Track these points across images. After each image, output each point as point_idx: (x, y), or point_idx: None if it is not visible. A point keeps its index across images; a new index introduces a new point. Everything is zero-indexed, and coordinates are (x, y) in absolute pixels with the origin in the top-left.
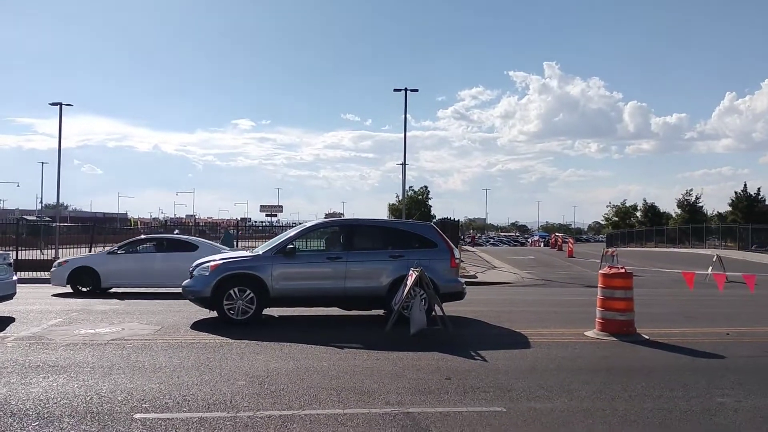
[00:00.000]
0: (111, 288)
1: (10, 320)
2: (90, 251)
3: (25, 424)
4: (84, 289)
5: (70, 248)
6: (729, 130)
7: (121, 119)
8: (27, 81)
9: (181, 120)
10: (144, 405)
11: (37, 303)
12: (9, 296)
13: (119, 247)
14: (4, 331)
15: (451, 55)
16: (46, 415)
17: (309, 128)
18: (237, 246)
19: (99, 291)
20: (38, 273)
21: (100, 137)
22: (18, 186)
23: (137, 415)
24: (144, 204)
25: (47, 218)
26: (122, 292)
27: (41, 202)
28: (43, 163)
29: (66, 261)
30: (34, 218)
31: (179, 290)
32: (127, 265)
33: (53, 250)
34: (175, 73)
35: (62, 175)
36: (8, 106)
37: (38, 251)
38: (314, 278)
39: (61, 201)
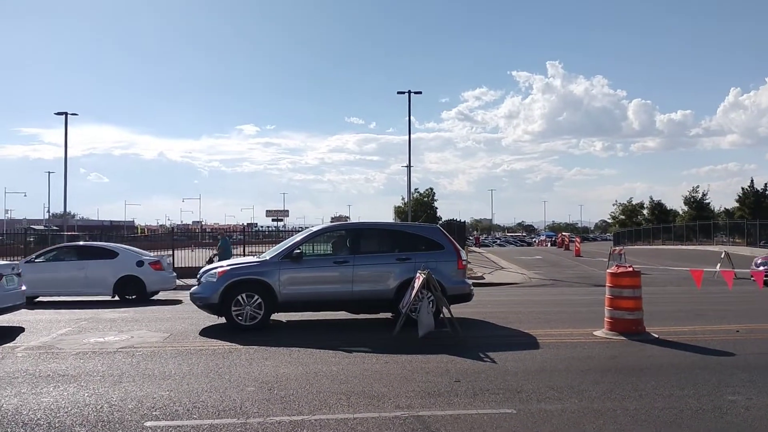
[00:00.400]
0: (36, 297)
1: (19, 330)
2: None
3: None
4: None
5: None
6: (734, 125)
7: (126, 127)
8: (32, 91)
9: (185, 127)
10: (154, 413)
11: (46, 312)
12: (18, 306)
13: (37, 256)
14: (14, 341)
15: (454, 56)
16: (57, 425)
17: (313, 132)
18: (244, 252)
19: None
20: None
21: (105, 145)
22: (25, 196)
23: (148, 423)
24: (151, 211)
25: (55, 227)
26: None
27: (48, 211)
28: (49, 172)
29: None
30: (42, 227)
31: (100, 298)
32: (44, 274)
33: None
34: (179, 80)
35: (69, 184)
36: (14, 117)
37: None
38: (321, 282)
39: (68, 210)
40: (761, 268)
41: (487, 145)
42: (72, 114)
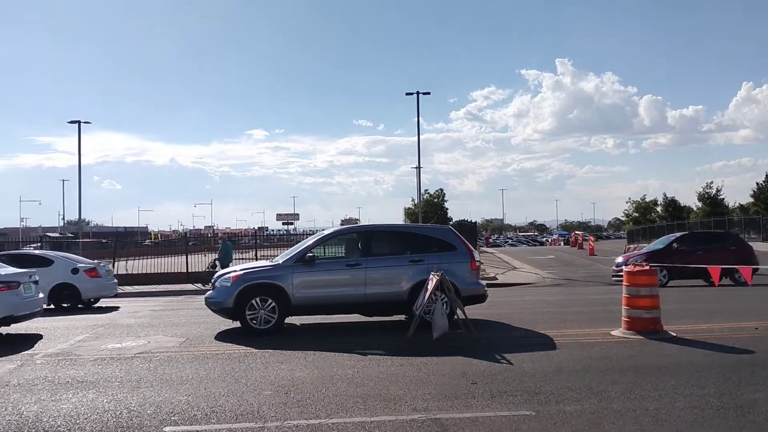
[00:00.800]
0: None
1: (37, 337)
2: (113, 265)
3: None
4: None
5: None
6: (747, 120)
7: (138, 134)
8: (45, 100)
9: (196, 133)
10: (173, 418)
11: (63, 319)
12: (36, 313)
13: None
14: (33, 348)
15: (461, 55)
16: (77, 431)
17: (322, 135)
18: (256, 256)
19: None
20: None
21: (118, 153)
22: (40, 204)
23: (167, 429)
24: (163, 217)
25: (70, 234)
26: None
27: (63, 218)
28: (63, 180)
29: None
30: (57, 235)
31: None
32: None
33: None
34: (189, 87)
35: (83, 192)
36: (28, 126)
37: None
38: (334, 285)
39: (83, 217)
40: (623, 267)
41: (496, 144)
42: (85, 122)
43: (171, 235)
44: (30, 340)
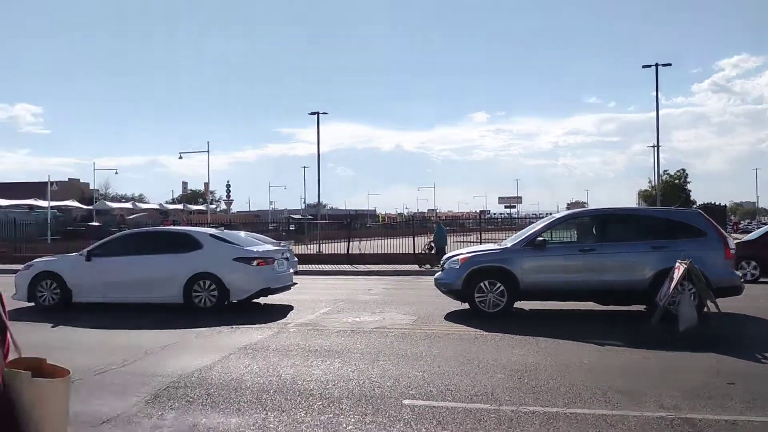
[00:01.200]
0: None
1: (289, 308)
2: (348, 245)
3: (311, 403)
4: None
5: (329, 243)
6: None
7: (366, 123)
8: (288, 95)
9: (419, 118)
10: (410, 392)
11: (307, 293)
12: (287, 287)
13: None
14: (286, 318)
15: (706, 21)
16: (327, 396)
17: (546, 116)
18: (480, 239)
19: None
20: (305, 265)
21: (349, 141)
22: (285, 189)
23: (405, 401)
24: (390, 200)
25: (309, 216)
26: None
27: (304, 202)
28: (304, 167)
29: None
30: (299, 217)
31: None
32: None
33: (317, 245)
34: (412, 76)
35: (320, 177)
36: (275, 119)
37: (304, 246)
38: (566, 271)
39: (321, 200)
40: None
41: (748, 118)
42: (323, 113)
43: (396, 217)
44: (283, 311)
